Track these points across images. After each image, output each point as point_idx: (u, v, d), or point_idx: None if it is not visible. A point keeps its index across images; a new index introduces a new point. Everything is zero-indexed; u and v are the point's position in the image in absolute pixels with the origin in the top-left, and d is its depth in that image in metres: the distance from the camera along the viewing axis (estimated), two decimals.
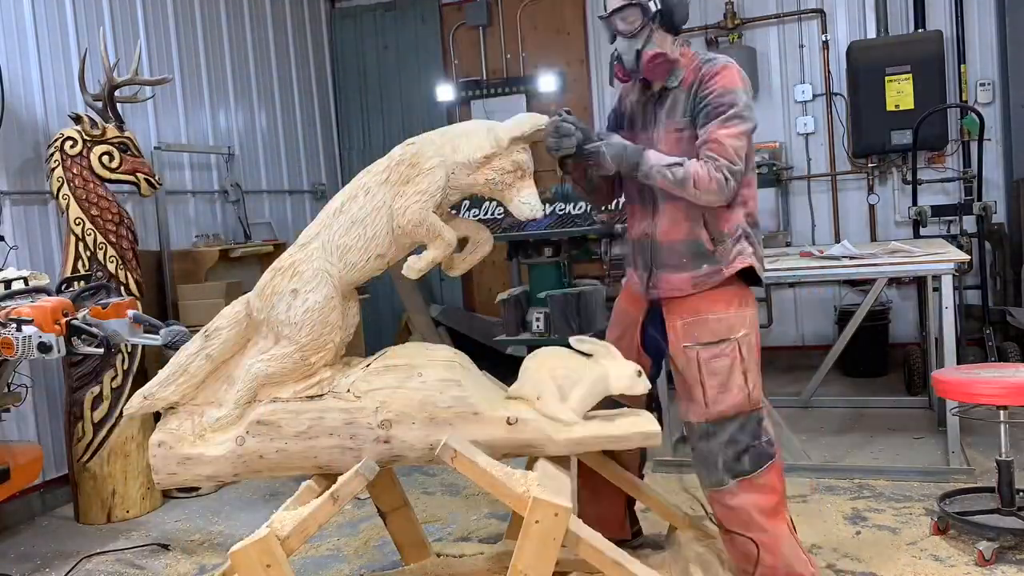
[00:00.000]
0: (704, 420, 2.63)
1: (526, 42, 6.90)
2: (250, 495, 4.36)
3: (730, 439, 2.60)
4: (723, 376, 2.59)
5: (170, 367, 2.56)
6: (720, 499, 2.66)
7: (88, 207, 4.07)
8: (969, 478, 3.69)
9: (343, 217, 2.49)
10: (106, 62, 4.16)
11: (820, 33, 6.17)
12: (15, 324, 2.96)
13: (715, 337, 2.59)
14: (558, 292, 4.89)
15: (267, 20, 6.46)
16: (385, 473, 2.73)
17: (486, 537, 3.48)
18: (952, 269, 3.72)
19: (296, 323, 2.44)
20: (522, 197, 2.48)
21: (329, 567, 3.35)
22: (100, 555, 3.67)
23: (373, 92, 7.30)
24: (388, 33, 7.24)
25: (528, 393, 2.49)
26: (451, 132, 2.54)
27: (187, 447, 2.48)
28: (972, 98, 5.86)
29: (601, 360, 2.51)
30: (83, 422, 4.06)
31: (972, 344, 5.35)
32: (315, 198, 6.85)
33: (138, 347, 4.05)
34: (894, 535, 3.23)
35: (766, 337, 6.40)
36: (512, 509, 2.29)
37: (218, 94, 5.87)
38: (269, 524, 2.22)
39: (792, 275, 4.15)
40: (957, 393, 3.12)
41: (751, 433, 2.61)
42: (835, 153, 6.21)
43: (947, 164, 5.95)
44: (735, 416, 2.60)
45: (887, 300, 5.96)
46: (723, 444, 2.61)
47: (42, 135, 4.42)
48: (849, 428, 4.67)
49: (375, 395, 2.43)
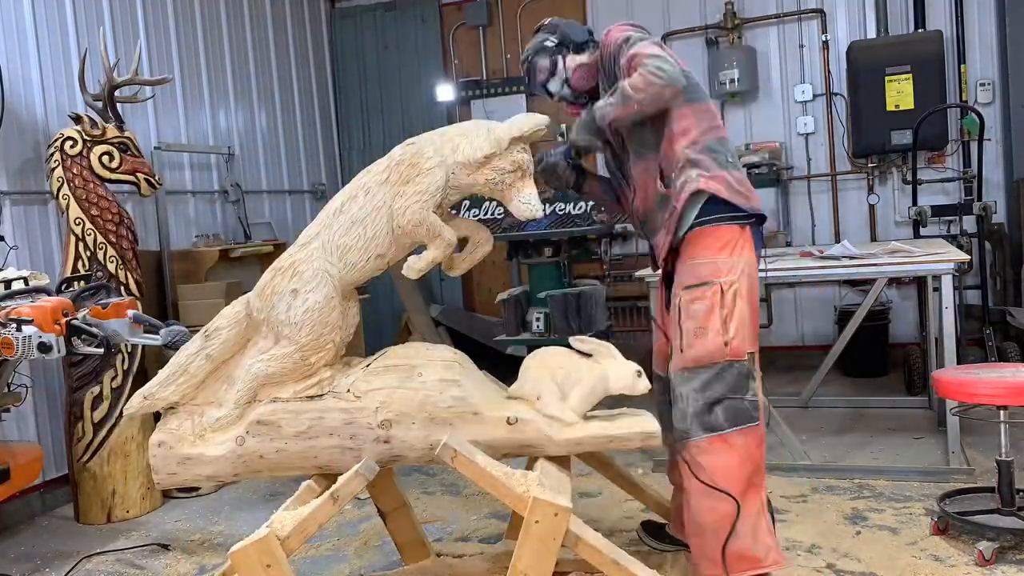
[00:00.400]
0: (680, 367, 2.54)
1: (526, 42, 6.86)
2: (250, 495, 4.36)
3: (703, 385, 2.49)
4: (700, 320, 2.50)
5: (170, 367, 2.56)
6: (687, 454, 2.52)
7: (88, 207, 4.06)
8: (969, 478, 3.69)
9: (343, 217, 2.50)
10: (106, 62, 4.16)
11: (820, 33, 6.17)
12: (15, 324, 2.96)
13: (697, 280, 2.52)
14: (558, 292, 4.89)
15: (267, 20, 6.45)
16: (385, 473, 2.73)
17: (486, 537, 3.48)
18: (952, 269, 3.71)
19: (296, 323, 2.45)
20: (522, 197, 2.48)
21: (329, 567, 3.35)
22: (100, 555, 3.67)
23: (373, 92, 7.30)
24: (388, 33, 7.25)
25: (528, 393, 2.49)
26: (451, 132, 2.54)
27: (187, 447, 2.48)
28: (972, 98, 5.86)
29: (601, 360, 2.51)
30: (83, 422, 4.06)
31: (972, 344, 5.35)
32: (315, 198, 6.85)
33: (138, 347, 4.05)
34: (894, 535, 3.23)
35: (766, 337, 6.40)
36: (512, 509, 2.29)
37: (218, 94, 5.87)
38: (269, 524, 2.22)
39: (792, 275, 4.15)
40: (957, 393, 3.11)
41: (729, 385, 2.48)
42: (835, 153, 6.22)
43: (947, 164, 5.95)
44: (710, 364, 2.49)
45: (887, 300, 5.96)
46: (694, 390, 2.50)
47: (42, 135, 4.42)
48: (849, 428, 4.66)
49: (375, 395, 2.43)
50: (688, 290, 2.53)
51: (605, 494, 3.80)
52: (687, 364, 2.53)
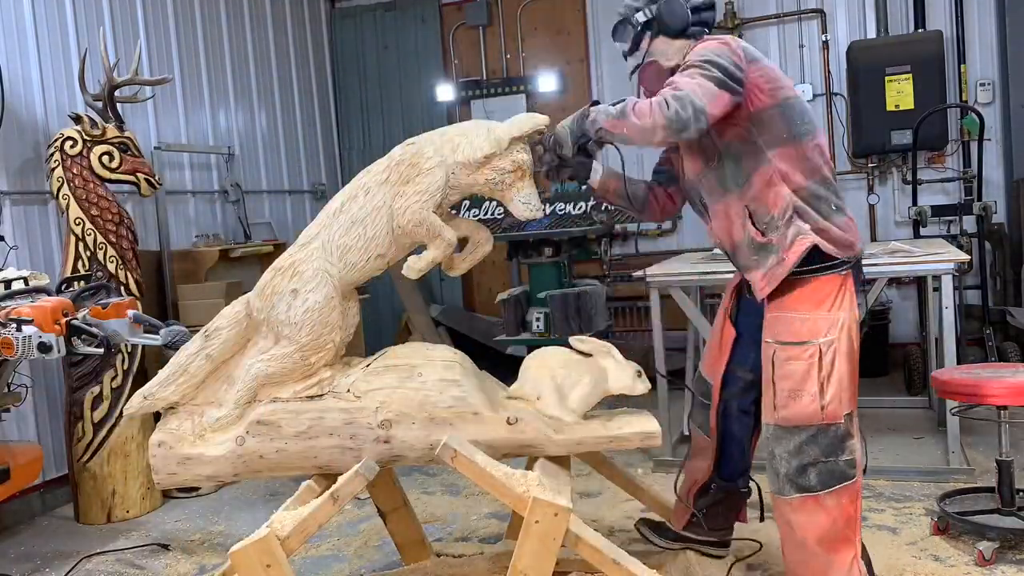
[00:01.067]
0: (772, 423, 2.43)
1: (526, 42, 6.90)
2: (250, 495, 4.36)
3: (796, 449, 2.38)
4: (795, 381, 2.36)
5: (170, 367, 2.56)
6: (780, 509, 2.46)
7: (88, 207, 4.06)
8: (969, 478, 3.69)
9: (343, 217, 2.49)
10: (106, 62, 4.16)
11: (820, 33, 6.17)
12: (15, 324, 2.96)
13: (795, 338, 2.37)
14: (558, 292, 4.88)
15: (267, 20, 6.45)
16: (385, 473, 2.73)
17: (486, 537, 3.48)
18: (952, 269, 3.71)
19: (296, 323, 2.45)
20: (522, 197, 2.47)
21: (329, 567, 3.35)
22: (100, 555, 3.67)
23: (373, 92, 7.30)
24: (388, 33, 7.25)
25: (528, 393, 2.49)
26: (451, 132, 2.54)
27: (187, 447, 2.48)
28: (972, 98, 5.86)
29: (601, 360, 2.51)
30: (83, 422, 4.06)
31: (972, 344, 5.35)
32: (315, 198, 6.85)
33: (138, 347, 4.05)
34: (894, 535, 3.23)
35: None
36: (512, 509, 2.29)
37: (218, 94, 5.87)
38: (269, 524, 2.22)
39: None
40: (957, 393, 3.11)
41: (824, 449, 2.36)
42: (835, 153, 6.21)
43: (947, 164, 5.95)
44: (805, 426, 2.37)
45: (887, 300, 5.96)
46: (789, 452, 2.39)
47: (42, 135, 4.41)
48: None
49: (375, 395, 2.43)
50: (784, 347, 2.38)
51: (605, 494, 3.80)
52: (780, 423, 2.42)
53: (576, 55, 6.79)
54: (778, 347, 2.39)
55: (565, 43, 6.81)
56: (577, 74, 6.79)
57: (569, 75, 6.78)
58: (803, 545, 2.41)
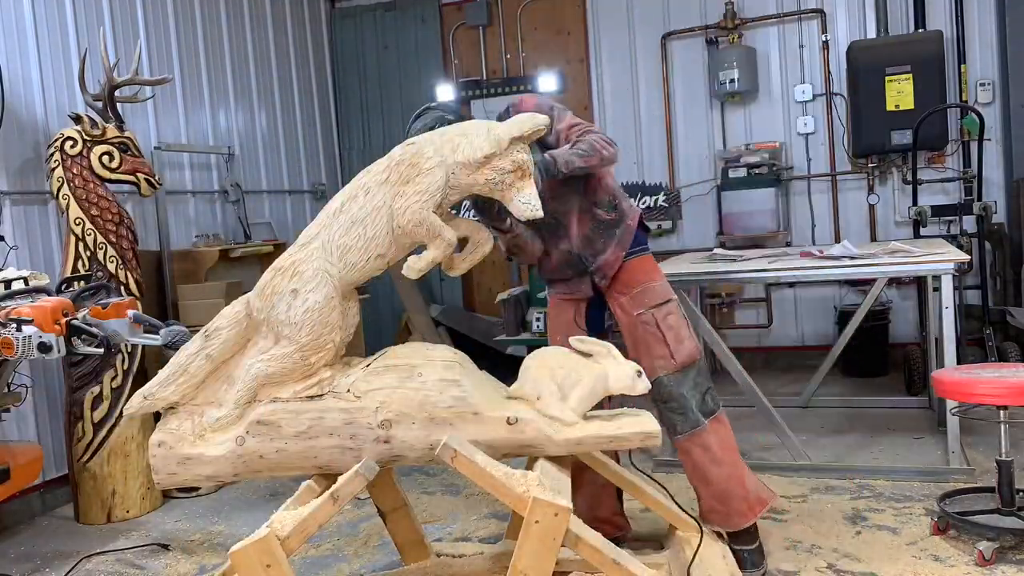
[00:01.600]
0: (672, 370, 2.94)
1: (526, 42, 6.90)
2: (250, 495, 4.37)
3: (694, 383, 2.97)
4: (677, 329, 2.97)
5: (170, 367, 2.56)
6: (699, 441, 2.96)
7: (88, 207, 4.07)
8: (969, 478, 3.69)
9: (343, 217, 2.49)
10: (106, 62, 4.16)
11: (820, 33, 6.17)
12: (15, 324, 2.96)
13: (663, 299, 3.00)
14: None
15: (267, 20, 6.46)
16: (385, 473, 2.73)
17: (486, 537, 3.48)
18: (952, 269, 3.71)
19: (296, 323, 2.44)
20: (522, 197, 2.47)
21: (329, 567, 3.35)
22: (100, 555, 3.67)
23: (373, 92, 7.30)
24: (388, 33, 7.25)
25: (528, 393, 2.49)
26: (451, 132, 2.54)
27: (187, 447, 2.48)
28: (972, 98, 5.86)
29: (601, 360, 2.51)
30: (83, 422, 4.06)
31: (972, 344, 5.35)
32: (315, 198, 6.85)
33: (138, 347, 4.05)
34: (894, 535, 3.23)
35: (766, 337, 6.42)
36: (512, 509, 2.29)
37: (218, 94, 5.87)
38: (269, 524, 2.22)
39: (792, 275, 4.15)
40: (957, 393, 3.11)
41: (706, 376, 3.03)
42: (835, 153, 6.22)
43: (947, 164, 5.95)
44: (693, 363, 2.96)
45: (887, 300, 5.97)
46: (690, 388, 2.96)
47: (42, 135, 4.42)
48: (849, 428, 4.67)
49: (375, 395, 2.43)
50: (658, 307, 2.98)
51: None
52: (678, 367, 2.95)
53: (576, 55, 6.79)
54: (655, 309, 2.98)
55: (565, 43, 6.80)
56: (577, 74, 6.79)
57: (569, 75, 6.78)
58: (721, 461, 2.96)
